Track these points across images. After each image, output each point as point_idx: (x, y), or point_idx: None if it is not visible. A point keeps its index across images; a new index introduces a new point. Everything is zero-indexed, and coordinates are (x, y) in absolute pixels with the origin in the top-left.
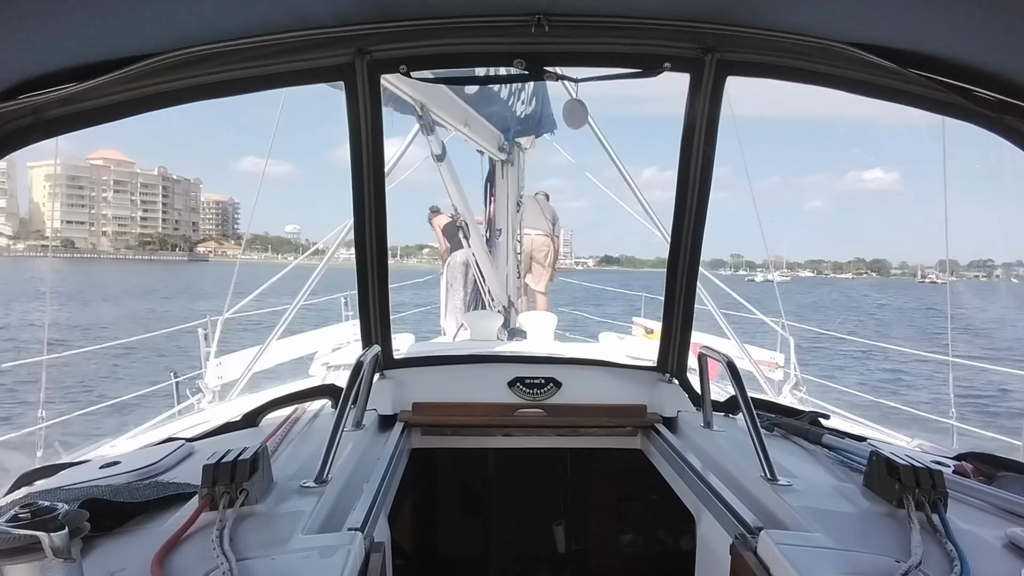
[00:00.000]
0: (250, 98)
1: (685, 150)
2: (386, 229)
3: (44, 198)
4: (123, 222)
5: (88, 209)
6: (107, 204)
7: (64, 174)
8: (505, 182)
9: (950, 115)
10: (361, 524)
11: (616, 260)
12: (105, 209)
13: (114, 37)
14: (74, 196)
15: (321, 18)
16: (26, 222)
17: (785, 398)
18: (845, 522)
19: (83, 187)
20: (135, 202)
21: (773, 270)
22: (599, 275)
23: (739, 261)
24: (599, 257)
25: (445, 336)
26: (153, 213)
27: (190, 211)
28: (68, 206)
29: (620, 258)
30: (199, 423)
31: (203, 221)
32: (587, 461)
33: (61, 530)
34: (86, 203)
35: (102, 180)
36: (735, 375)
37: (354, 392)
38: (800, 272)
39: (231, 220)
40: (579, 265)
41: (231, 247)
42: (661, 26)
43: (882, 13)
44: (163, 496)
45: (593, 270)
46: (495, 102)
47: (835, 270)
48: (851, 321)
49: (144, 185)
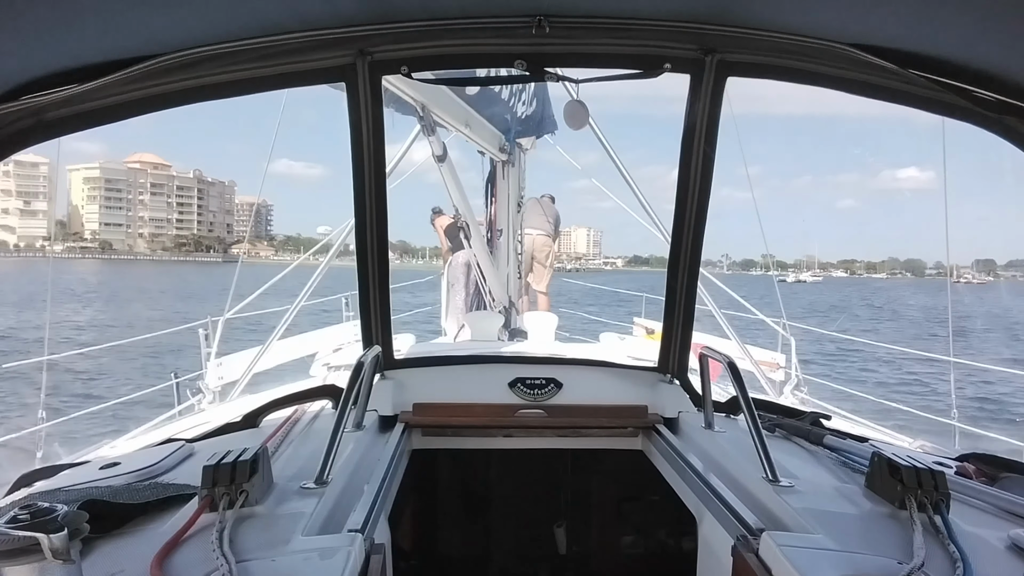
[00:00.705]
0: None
1: (686, 150)
2: (387, 229)
3: (83, 200)
4: (159, 224)
5: (125, 211)
6: (144, 206)
7: (102, 177)
8: (506, 183)
9: (950, 116)
10: (361, 525)
11: (645, 260)
12: (142, 211)
13: (115, 38)
14: (112, 199)
15: (322, 19)
16: (65, 224)
17: (786, 399)
18: (847, 523)
19: (120, 190)
20: (171, 204)
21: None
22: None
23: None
24: (628, 257)
25: (446, 336)
26: (188, 215)
27: (224, 213)
28: (106, 208)
29: (649, 258)
30: (199, 424)
31: (237, 223)
32: (588, 462)
33: (61, 531)
34: (123, 205)
35: (139, 183)
36: (736, 376)
37: (354, 393)
38: (832, 272)
39: (264, 222)
40: (608, 265)
41: (264, 248)
42: (661, 27)
43: (882, 14)
44: (163, 497)
45: (621, 270)
46: (496, 103)
47: (868, 270)
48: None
49: (180, 188)
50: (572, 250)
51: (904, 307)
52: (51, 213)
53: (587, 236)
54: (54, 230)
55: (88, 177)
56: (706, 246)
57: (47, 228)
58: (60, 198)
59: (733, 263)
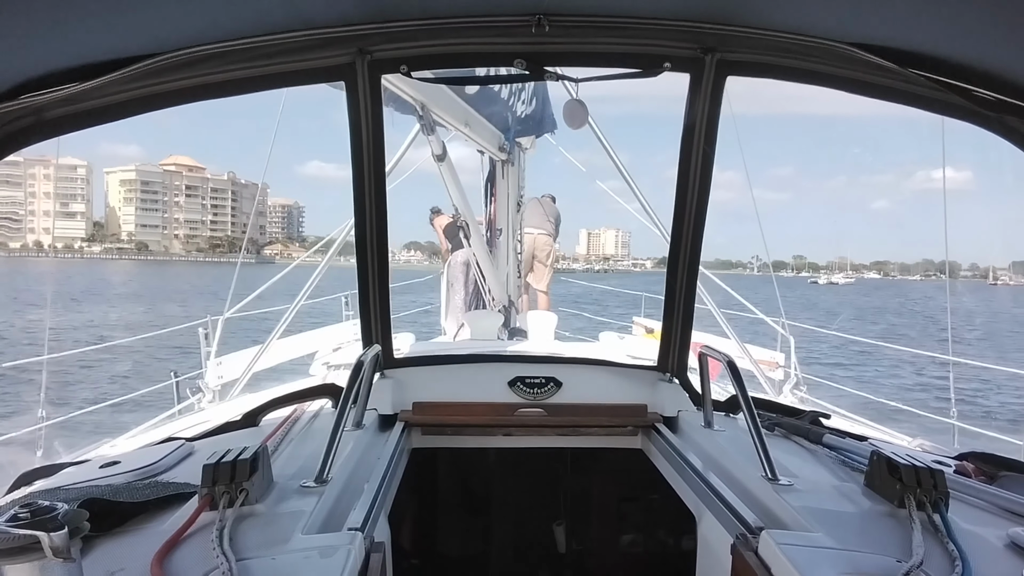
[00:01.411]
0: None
1: (685, 150)
2: (387, 229)
3: (119, 202)
4: (194, 225)
5: (161, 213)
6: (179, 208)
7: (138, 179)
8: (505, 182)
9: (950, 115)
10: (361, 524)
11: None
12: (177, 213)
13: (115, 37)
14: (148, 201)
15: (322, 18)
16: (102, 225)
17: (786, 398)
18: (846, 522)
19: (156, 192)
20: (205, 206)
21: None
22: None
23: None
24: (657, 259)
25: (445, 336)
26: (223, 217)
27: (257, 215)
28: (142, 210)
29: None
30: (199, 423)
31: (269, 224)
32: (587, 461)
33: (61, 530)
34: (159, 207)
35: (174, 185)
36: (736, 374)
37: (354, 392)
38: (865, 274)
39: (296, 223)
40: (637, 267)
41: (296, 250)
42: (661, 26)
43: (882, 13)
44: (163, 496)
45: (651, 271)
46: (495, 102)
47: (902, 272)
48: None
49: (214, 190)
50: (601, 251)
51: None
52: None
53: (616, 237)
54: (91, 231)
55: (125, 179)
56: (737, 247)
57: (84, 229)
58: (97, 200)
59: (763, 264)
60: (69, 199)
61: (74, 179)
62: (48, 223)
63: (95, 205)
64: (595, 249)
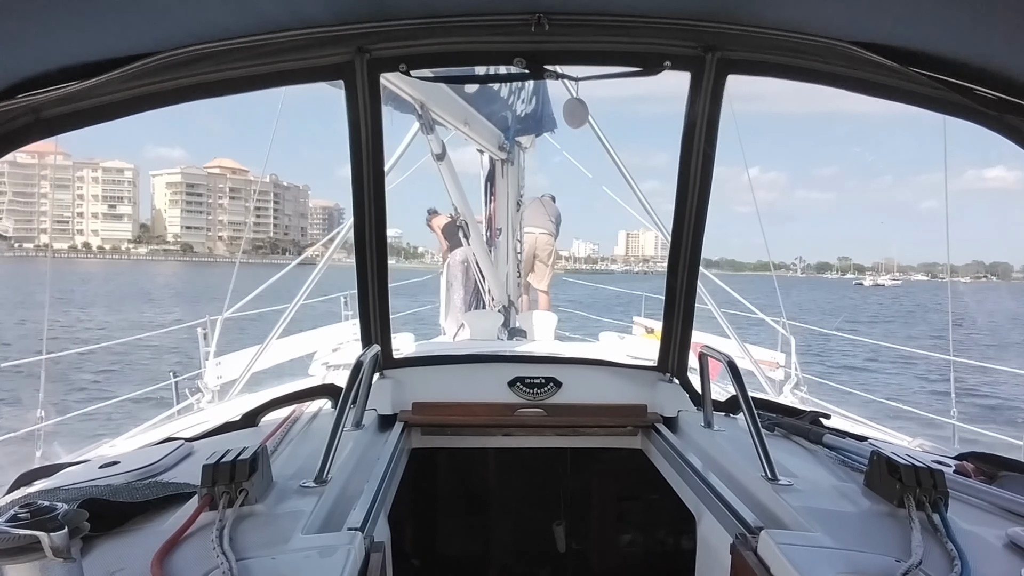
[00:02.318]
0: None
1: (685, 149)
2: (386, 229)
3: (165, 205)
4: (237, 227)
5: (205, 215)
6: (223, 210)
7: (184, 182)
8: (505, 181)
9: (951, 114)
10: (361, 524)
11: (715, 263)
12: (221, 215)
13: (113, 36)
14: (192, 203)
15: (321, 17)
16: (148, 227)
17: (786, 398)
18: (846, 522)
19: (201, 194)
20: (248, 208)
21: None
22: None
23: (847, 264)
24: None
25: (445, 336)
26: (265, 219)
27: (299, 216)
28: (187, 212)
29: (719, 261)
30: (198, 423)
31: (311, 226)
32: (587, 461)
33: (61, 530)
34: (203, 209)
35: (218, 187)
36: (736, 375)
37: (354, 392)
38: (912, 276)
39: (336, 224)
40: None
41: (336, 251)
42: (661, 25)
43: (883, 12)
44: (162, 496)
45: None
46: (495, 101)
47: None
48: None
49: (258, 192)
50: (640, 252)
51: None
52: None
53: (655, 239)
54: (138, 233)
55: (170, 182)
56: (779, 247)
57: (131, 231)
58: (144, 202)
59: (807, 266)
60: (116, 201)
61: (121, 182)
62: (96, 225)
63: (141, 207)
64: (634, 250)
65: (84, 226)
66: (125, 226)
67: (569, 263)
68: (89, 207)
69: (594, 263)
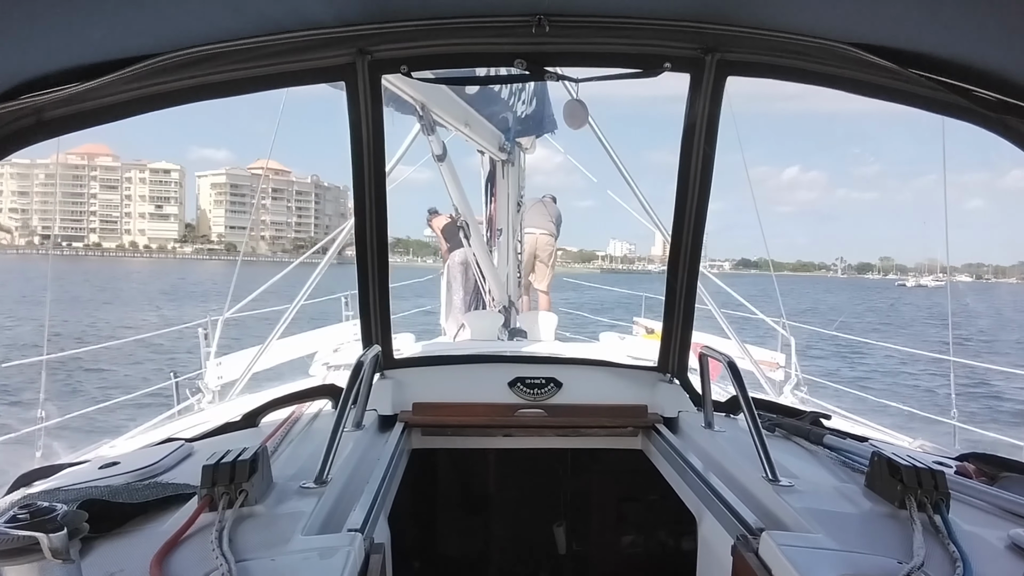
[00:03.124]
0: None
1: (685, 150)
2: (387, 229)
3: (210, 205)
4: (279, 227)
5: (248, 215)
6: (265, 210)
7: (228, 183)
8: (506, 182)
9: (950, 115)
10: (361, 525)
11: (754, 264)
12: (263, 215)
13: (115, 37)
14: (236, 203)
15: (322, 18)
16: (193, 227)
17: (786, 398)
18: (847, 523)
19: (244, 195)
20: (290, 208)
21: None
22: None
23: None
24: (735, 260)
25: (445, 336)
26: (306, 218)
27: (339, 216)
28: (231, 212)
29: (758, 261)
30: (198, 423)
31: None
32: (588, 462)
33: (60, 531)
34: (246, 210)
35: (261, 188)
36: (736, 375)
37: (354, 392)
38: (956, 276)
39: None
40: (714, 268)
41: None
42: (661, 26)
43: (882, 13)
44: (162, 497)
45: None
46: (496, 102)
47: (997, 274)
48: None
49: (299, 192)
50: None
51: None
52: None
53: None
54: (183, 232)
55: (215, 183)
56: (820, 248)
57: (177, 230)
58: (189, 203)
59: (848, 266)
60: (163, 202)
61: (168, 183)
62: (143, 225)
63: (187, 207)
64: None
65: (132, 226)
66: (171, 226)
67: (606, 263)
68: (136, 207)
69: (631, 263)
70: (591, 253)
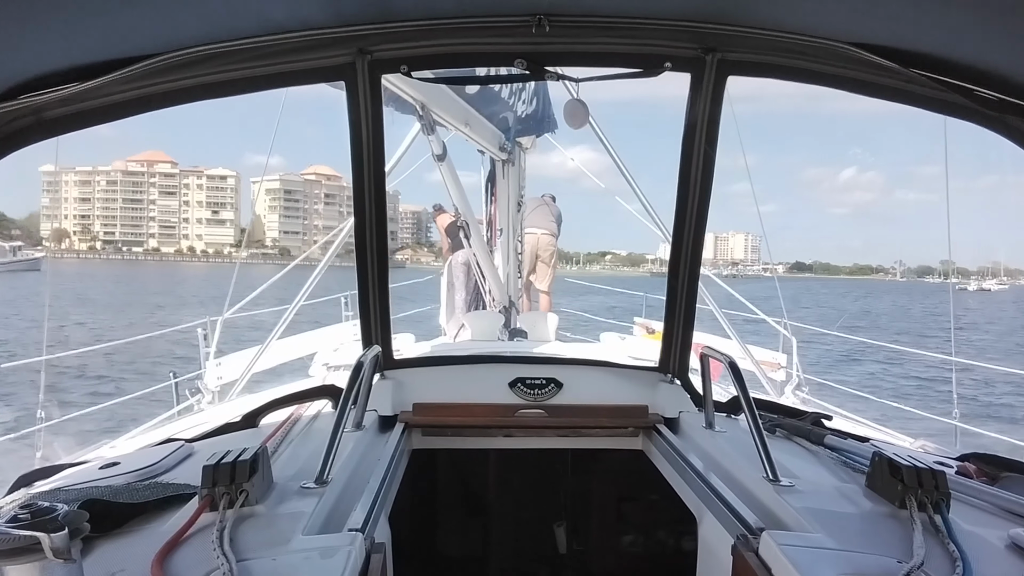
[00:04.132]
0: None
1: (686, 150)
2: (387, 229)
3: (265, 210)
4: (332, 231)
5: (301, 220)
6: (318, 215)
7: (282, 188)
8: (506, 182)
9: (952, 115)
10: (362, 525)
11: (808, 267)
12: (316, 220)
13: (114, 37)
14: (290, 208)
15: (322, 18)
16: (249, 232)
17: (787, 399)
18: (847, 523)
19: (298, 200)
20: (342, 213)
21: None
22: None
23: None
24: (789, 263)
25: (446, 336)
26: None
27: (389, 221)
28: (285, 217)
29: (813, 264)
30: (199, 424)
31: (400, 230)
32: (588, 462)
33: (61, 531)
34: (300, 215)
35: (314, 193)
36: (737, 375)
37: (354, 392)
38: (1021, 280)
39: (424, 229)
40: (767, 271)
41: (425, 255)
42: (662, 26)
43: (883, 13)
44: (163, 497)
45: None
46: (496, 102)
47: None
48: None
49: (350, 198)
50: (729, 256)
51: None
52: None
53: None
54: (239, 237)
55: (269, 188)
56: (877, 250)
57: (233, 235)
58: (244, 208)
59: (908, 269)
60: (219, 207)
61: (224, 188)
62: (200, 230)
63: (242, 213)
64: (722, 253)
65: (189, 231)
66: (227, 231)
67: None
68: (194, 212)
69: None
70: (640, 257)
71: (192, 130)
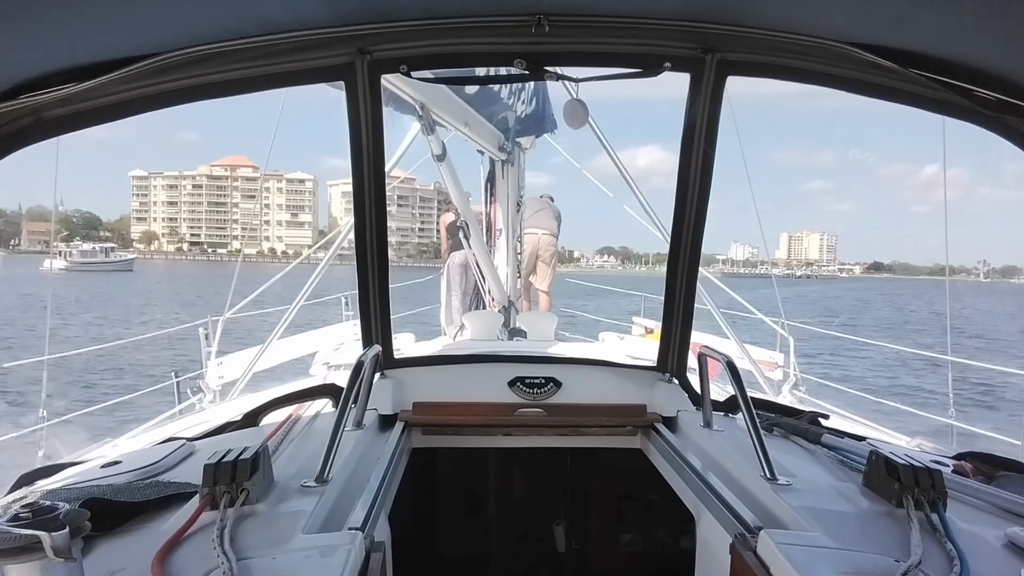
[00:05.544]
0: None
1: (685, 150)
2: (387, 229)
3: (341, 212)
4: (404, 233)
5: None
6: (391, 217)
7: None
8: (505, 182)
9: (951, 115)
10: (362, 524)
11: (887, 267)
12: (390, 222)
13: (114, 37)
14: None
15: (321, 18)
16: (325, 233)
17: (784, 398)
18: (845, 522)
19: None
20: (414, 215)
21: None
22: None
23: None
24: (867, 263)
25: (445, 336)
26: (429, 225)
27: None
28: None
29: (892, 265)
30: (200, 423)
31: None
32: (587, 461)
33: (62, 530)
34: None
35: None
36: (735, 375)
37: (354, 392)
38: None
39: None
40: (843, 272)
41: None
42: (661, 26)
43: (882, 13)
44: (164, 496)
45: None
46: (495, 102)
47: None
48: None
49: (422, 199)
50: (803, 256)
51: None
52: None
53: (820, 241)
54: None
55: (345, 191)
56: (960, 250)
57: (311, 237)
58: (322, 211)
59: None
60: (298, 210)
61: (302, 192)
62: (280, 232)
63: (320, 215)
64: (796, 253)
65: (270, 233)
66: (306, 232)
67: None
68: (274, 215)
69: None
70: (711, 257)
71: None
